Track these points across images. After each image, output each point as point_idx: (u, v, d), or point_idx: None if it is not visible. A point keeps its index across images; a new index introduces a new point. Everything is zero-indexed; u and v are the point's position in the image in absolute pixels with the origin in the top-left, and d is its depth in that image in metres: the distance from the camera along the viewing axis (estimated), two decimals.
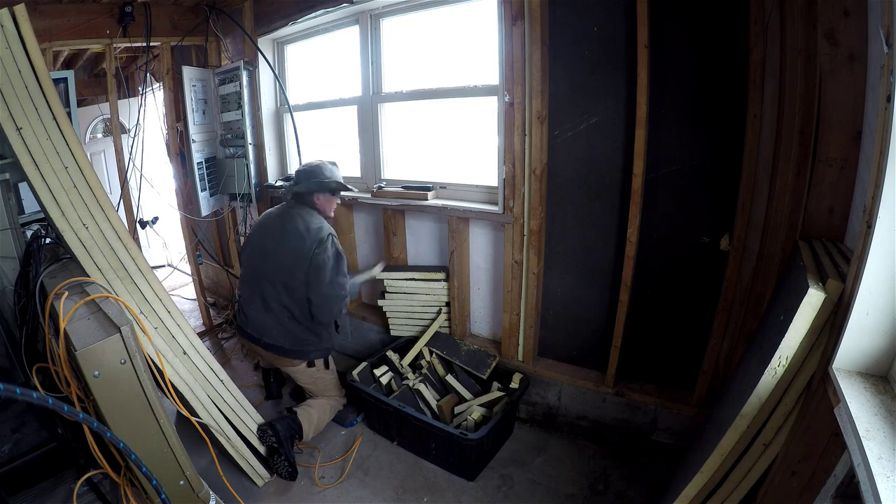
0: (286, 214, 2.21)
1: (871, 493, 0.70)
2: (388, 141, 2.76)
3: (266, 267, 2.15)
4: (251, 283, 2.21)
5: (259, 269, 2.18)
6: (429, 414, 2.22)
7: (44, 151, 1.62)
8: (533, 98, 1.98)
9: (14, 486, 1.66)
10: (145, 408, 1.42)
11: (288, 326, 2.15)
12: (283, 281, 2.11)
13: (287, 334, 2.15)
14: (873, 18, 1.20)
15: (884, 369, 0.93)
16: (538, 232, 2.14)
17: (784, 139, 1.54)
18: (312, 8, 2.60)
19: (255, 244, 2.25)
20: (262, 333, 2.17)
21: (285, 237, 2.13)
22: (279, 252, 2.12)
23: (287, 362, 2.22)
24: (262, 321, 2.16)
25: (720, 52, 1.69)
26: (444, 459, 2.12)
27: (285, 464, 2.05)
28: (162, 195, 3.85)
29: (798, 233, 1.53)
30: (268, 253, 2.16)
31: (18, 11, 1.62)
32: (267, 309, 2.15)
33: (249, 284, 2.23)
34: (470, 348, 2.49)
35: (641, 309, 2.07)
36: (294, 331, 2.16)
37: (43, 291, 1.57)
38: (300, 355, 2.20)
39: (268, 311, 2.15)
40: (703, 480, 1.21)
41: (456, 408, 2.25)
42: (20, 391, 0.90)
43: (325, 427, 2.33)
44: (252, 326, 2.19)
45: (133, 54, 4.06)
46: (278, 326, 2.14)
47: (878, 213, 0.86)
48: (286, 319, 2.14)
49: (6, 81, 1.57)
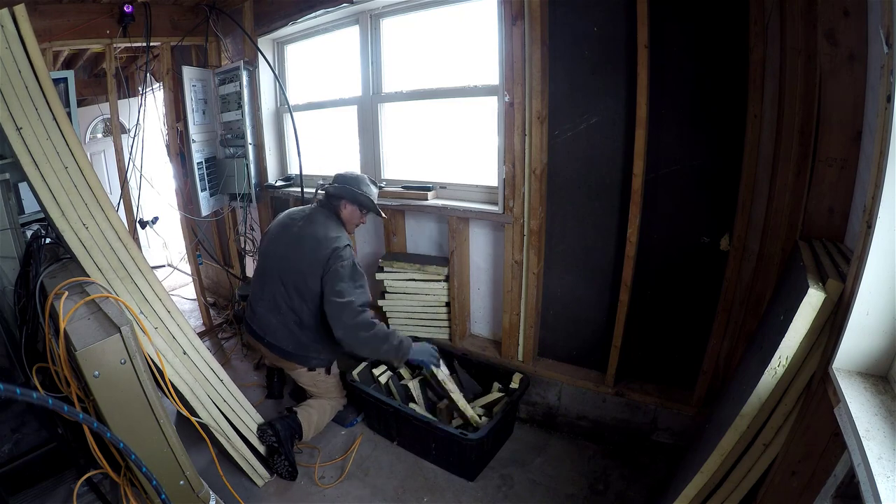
0: (309, 217, 2.20)
1: (871, 493, 0.70)
2: (388, 141, 2.76)
3: (280, 267, 2.14)
4: (263, 280, 2.21)
5: (273, 268, 2.17)
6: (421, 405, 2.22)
7: (44, 151, 1.62)
8: (533, 98, 1.98)
9: (14, 486, 1.66)
10: (145, 408, 1.43)
11: (293, 331, 2.14)
12: (294, 284, 2.09)
13: (291, 338, 2.15)
14: (873, 18, 1.20)
15: (884, 369, 0.93)
16: (538, 232, 2.14)
17: (784, 139, 1.54)
18: (312, 8, 2.60)
19: (273, 239, 2.23)
20: (266, 332, 2.17)
21: (303, 241, 2.11)
22: (294, 255, 2.11)
23: (289, 365, 2.23)
24: (269, 321, 2.16)
25: (720, 52, 1.69)
26: (444, 459, 2.12)
27: (285, 463, 2.05)
28: (162, 195, 3.85)
29: (798, 233, 1.53)
30: (283, 253, 2.15)
31: (18, 11, 1.62)
32: (275, 309, 2.14)
33: (261, 281, 2.22)
34: None
35: (641, 309, 2.07)
36: (299, 337, 2.15)
37: (43, 291, 1.57)
38: (302, 361, 2.20)
39: (276, 312, 2.14)
40: (703, 480, 1.21)
41: None
42: (20, 391, 0.90)
43: (325, 427, 2.33)
44: (258, 324, 2.19)
45: (133, 54, 4.06)
46: (284, 329, 2.14)
47: (878, 213, 0.86)
48: (292, 324, 2.13)
49: (6, 81, 1.57)
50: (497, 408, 2.19)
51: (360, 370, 2.42)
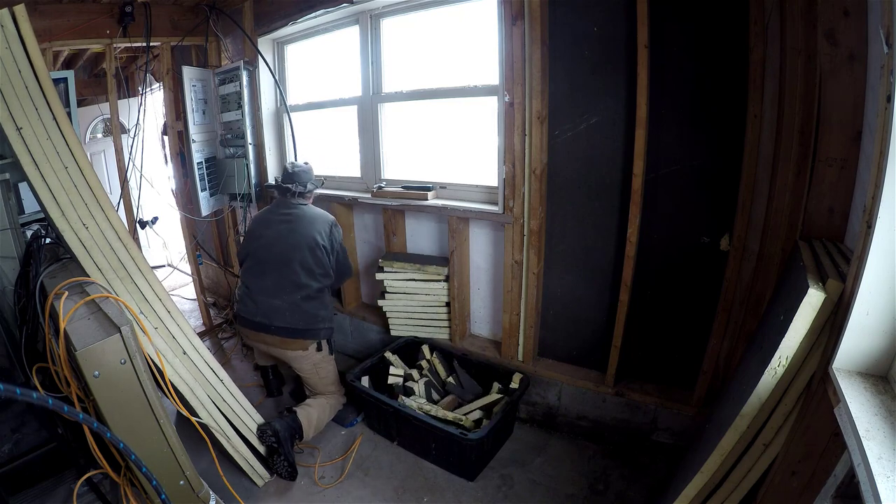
0: (287, 205, 2.36)
1: (871, 493, 0.70)
2: (388, 141, 2.76)
3: (281, 252, 2.24)
4: (262, 270, 2.27)
5: (270, 256, 2.26)
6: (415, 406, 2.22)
7: (44, 151, 1.62)
8: (533, 98, 1.98)
9: (14, 486, 1.66)
10: (145, 408, 1.43)
11: (301, 306, 2.21)
12: (301, 261, 2.22)
13: (300, 313, 2.21)
14: (873, 18, 1.20)
15: (884, 369, 0.93)
16: (538, 232, 2.14)
17: (784, 139, 1.54)
18: (312, 8, 2.60)
19: (260, 235, 2.34)
20: (272, 318, 2.20)
21: (297, 221, 2.28)
22: (292, 235, 2.25)
23: (297, 345, 2.24)
24: (274, 305, 2.20)
25: (720, 52, 1.69)
26: (444, 459, 2.12)
27: (285, 464, 2.05)
28: (162, 195, 3.85)
29: (798, 233, 1.53)
30: (279, 240, 2.26)
31: (18, 11, 1.62)
32: (280, 291, 2.21)
33: (258, 273, 2.28)
34: None
35: (641, 309, 2.07)
36: (307, 309, 2.22)
37: (43, 291, 1.57)
38: (313, 334, 2.25)
39: (281, 294, 2.21)
40: (704, 480, 1.21)
41: (456, 410, 2.25)
42: (20, 391, 0.90)
43: (325, 427, 2.34)
44: (262, 313, 2.22)
45: (133, 54, 4.06)
46: (291, 307, 2.20)
47: (878, 213, 0.86)
48: (300, 300, 2.21)
49: (6, 81, 1.57)
50: (497, 408, 2.19)
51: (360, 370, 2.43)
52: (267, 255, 2.27)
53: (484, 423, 2.08)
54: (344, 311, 3.07)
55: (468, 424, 2.10)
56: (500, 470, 2.12)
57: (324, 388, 2.35)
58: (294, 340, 2.23)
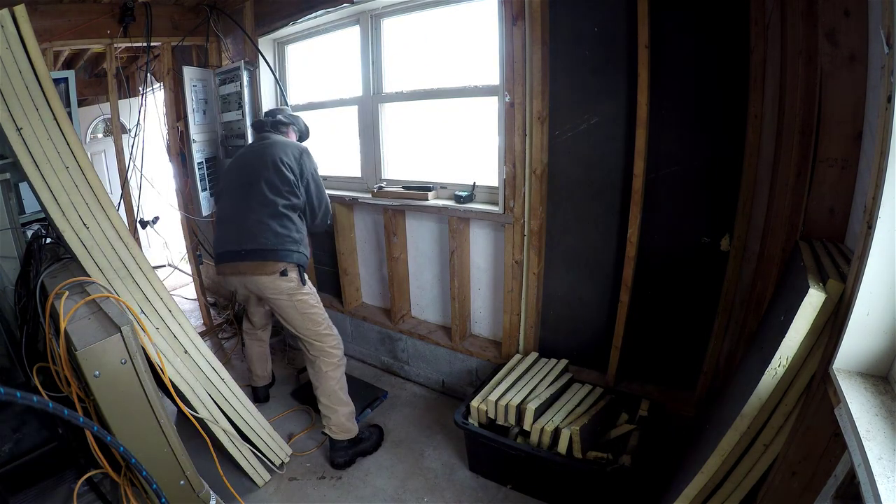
0: (261, 138, 2.34)
1: (872, 494, 0.70)
2: (388, 141, 2.76)
3: (248, 173, 2.20)
4: (229, 200, 2.25)
5: (237, 181, 2.24)
6: None
7: (44, 151, 1.62)
8: (533, 98, 1.98)
9: (14, 485, 1.65)
10: (146, 408, 1.43)
11: (268, 224, 2.11)
12: (267, 179, 2.14)
13: (269, 232, 2.10)
14: (874, 19, 1.20)
15: (884, 369, 0.93)
16: (538, 232, 2.14)
17: (785, 139, 1.54)
18: (313, 8, 2.60)
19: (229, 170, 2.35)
20: (242, 242, 2.12)
21: (270, 147, 2.23)
22: (258, 160, 2.20)
23: (269, 268, 2.10)
24: (241, 229, 2.13)
25: (721, 52, 1.69)
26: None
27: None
28: (162, 195, 3.85)
29: (798, 233, 1.52)
30: (245, 166, 2.24)
31: (18, 12, 1.62)
32: (247, 212, 2.13)
33: (227, 203, 2.26)
34: None
35: (642, 309, 2.07)
36: (275, 228, 2.11)
37: (43, 291, 1.57)
38: (283, 256, 2.11)
39: (247, 215, 2.13)
40: (704, 480, 1.21)
41: None
42: (20, 395, 0.90)
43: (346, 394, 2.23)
44: (234, 240, 2.15)
45: (133, 54, 4.07)
46: (258, 226, 2.10)
47: (878, 214, 0.86)
48: (266, 217, 2.11)
49: (6, 81, 1.57)
50: None
51: None
52: (235, 183, 2.25)
53: None
54: (344, 311, 3.07)
55: None
56: None
57: (314, 329, 2.18)
58: (265, 263, 2.10)
